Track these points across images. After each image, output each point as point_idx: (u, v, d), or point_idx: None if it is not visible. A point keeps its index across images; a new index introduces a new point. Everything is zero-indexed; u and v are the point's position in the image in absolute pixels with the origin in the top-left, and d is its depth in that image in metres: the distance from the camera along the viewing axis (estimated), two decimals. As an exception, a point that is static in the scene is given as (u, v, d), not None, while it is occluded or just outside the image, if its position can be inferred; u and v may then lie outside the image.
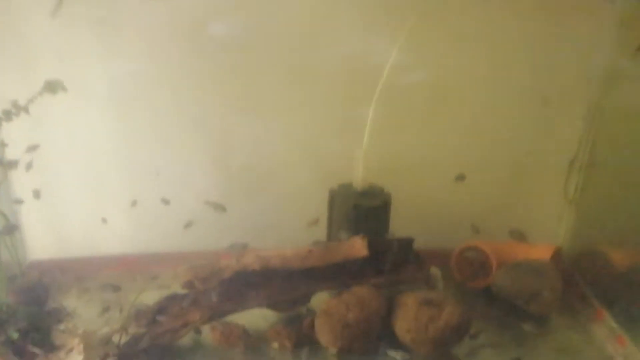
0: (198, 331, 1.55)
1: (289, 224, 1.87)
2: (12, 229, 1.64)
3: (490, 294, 1.75)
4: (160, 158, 1.85)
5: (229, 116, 1.81)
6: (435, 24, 1.69)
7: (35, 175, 1.68)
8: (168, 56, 1.71)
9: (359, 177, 1.72)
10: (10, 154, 1.61)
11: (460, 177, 1.69)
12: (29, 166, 1.57)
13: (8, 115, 1.43)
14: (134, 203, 1.75)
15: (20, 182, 1.78)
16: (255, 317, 1.59)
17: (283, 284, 1.55)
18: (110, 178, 1.86)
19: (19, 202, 1.71)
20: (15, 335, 1.34)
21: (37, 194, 1.61)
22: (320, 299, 1.57)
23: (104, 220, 1.68)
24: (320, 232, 1.79)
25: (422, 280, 1.63)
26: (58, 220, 1.91)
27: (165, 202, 1.68)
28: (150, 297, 1.56)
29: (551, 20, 1.70)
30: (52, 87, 1.31)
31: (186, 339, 1.53)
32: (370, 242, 1.55)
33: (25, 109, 1.38)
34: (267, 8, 1.67)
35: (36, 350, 1.32)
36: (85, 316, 1.64)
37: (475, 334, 1.55)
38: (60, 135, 1.78)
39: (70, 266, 1.90)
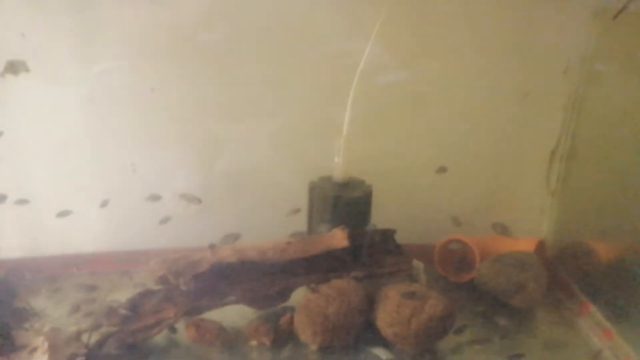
0: (173, 329, 1.50)
1: (270, 221, 1.81)
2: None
3: (474, 287, 1.72)
4: (137, 155, 1.80)
5: (209, 114, 1.78)
6: (414, 22, 1.70)
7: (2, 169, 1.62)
8: (149, 51, 1.67)
9: (339, 169, 1.68)
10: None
11: (442, 170, 1.66)
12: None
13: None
14: (104, 203, 1.69)
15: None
16: (233, 314, 1.54)
17: (261, 278, 1.50)
18: (84, 173, 1.80)
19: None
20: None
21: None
22: (300, 294, 1.52)
23: (64, 214, 1.61)
24: (302, 226, 1.75)
25: (405, 272, 1.59)
26: (28, 217, 1.83)
27: (155, 197, 1.62)
28: (125, 296, 1.49)
29: (528, 12, 1.71)
30: (14, 67, 1.23)
31: (160, 337, 1.48)
32: (350, 233, 1.51)
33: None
34: (247, 11, 1.65)
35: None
36: (55, 316, 1.58)
37: (460, 329, 1.51)
38: (30, 127, 1.72)
39: (42, 265, 1.82)
